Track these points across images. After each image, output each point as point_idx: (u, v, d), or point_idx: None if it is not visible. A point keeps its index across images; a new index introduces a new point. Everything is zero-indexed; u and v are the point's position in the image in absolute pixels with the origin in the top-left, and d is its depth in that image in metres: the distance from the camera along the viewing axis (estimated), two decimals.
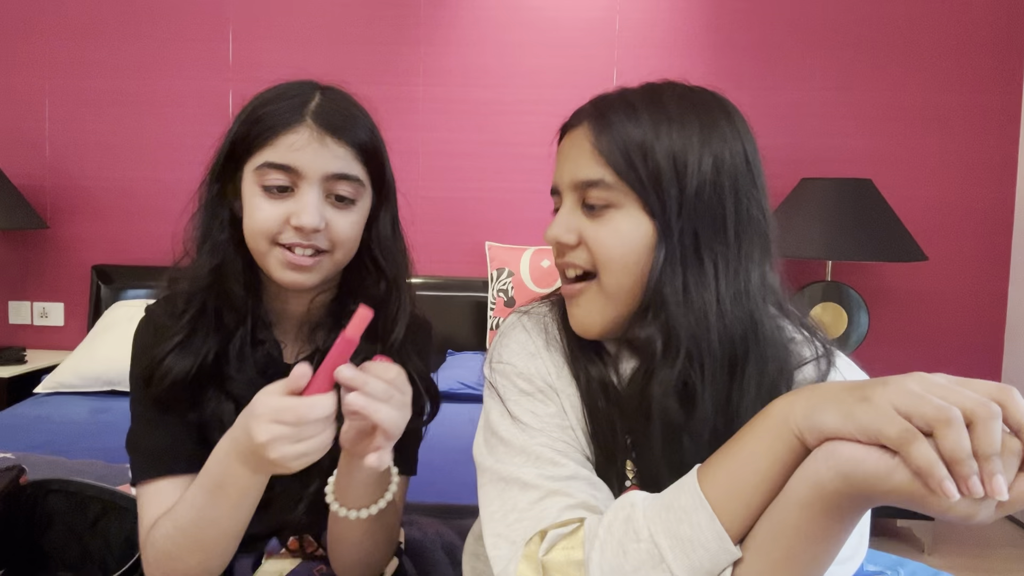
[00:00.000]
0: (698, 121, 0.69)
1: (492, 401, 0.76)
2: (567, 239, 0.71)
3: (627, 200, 0.68)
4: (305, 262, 0.79)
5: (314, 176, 0.78)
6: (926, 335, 2.71)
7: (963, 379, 0.50)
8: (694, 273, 0.67)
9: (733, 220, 0.68)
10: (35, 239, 2.79)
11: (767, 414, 0.58)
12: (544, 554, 0.62)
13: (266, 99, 0.81)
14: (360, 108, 0.85)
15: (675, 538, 0.57)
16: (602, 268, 0.70)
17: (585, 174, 0.70)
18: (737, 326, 0.67)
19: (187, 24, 2.71)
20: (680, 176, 0.67)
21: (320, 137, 0.78)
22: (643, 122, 0.68)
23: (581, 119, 0.73)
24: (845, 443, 0.51)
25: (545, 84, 2.69)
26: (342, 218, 0.80)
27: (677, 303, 0.67)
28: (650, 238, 0.68)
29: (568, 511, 0.64)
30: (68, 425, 1.98)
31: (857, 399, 0.51)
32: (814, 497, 0.53)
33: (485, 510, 0.70)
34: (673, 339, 0.67)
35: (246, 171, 0.80)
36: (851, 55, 2.66)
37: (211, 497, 0.71)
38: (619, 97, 0.72)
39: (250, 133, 0.79)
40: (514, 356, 0.77)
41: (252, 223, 0.79)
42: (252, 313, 0.84)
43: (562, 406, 0.73)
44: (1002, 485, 0.46)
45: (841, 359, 0.74)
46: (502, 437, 0.71)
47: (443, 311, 2.61)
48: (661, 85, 0.73)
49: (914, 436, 0.47)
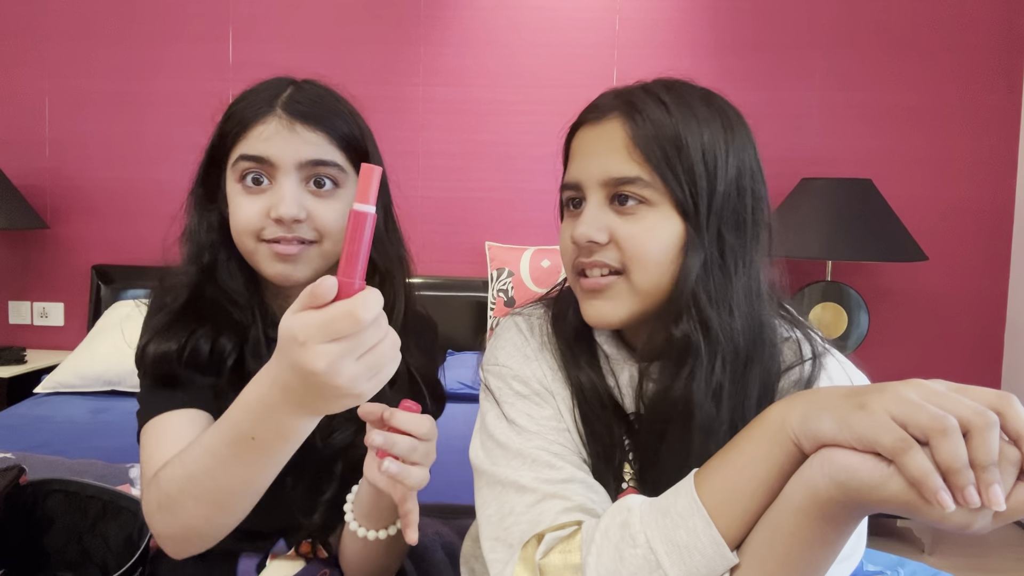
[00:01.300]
0: (720, 122, 0.69)
1: (488, 404, 0.76)
2: (599, 238, 0.69)
3: (661, 198, 0.68)
4: (290, 250, 0.77)
5: (287, 164, 0.77)
6: (926, 335, 2.71)
7: (962, 386, 0.50)
8: (720, 274, 0.68)
9: (750, 222, 0.69)
10: (35, 239, 2.79)
11: (764, 419, 0.57)
12: (541, 557, 0.62)
13: (240, 97, 0.82)
14: (337, 97, 0.84)
15: (671, 544, 0.57)
16: (635, 266, 0.69)
17: (620, 170, 0.68)
18: (748, 327, 0.68)
19: (187, 24, 2.71)
20: (711, 177, 0.67)
21: (290, 124, 0.77)
22: (676, 119, 0.68)
23: (607, 112, 0.71)
24: (841, 451, 0.51)
25: (545, 84, 2.69)
26: (325, 207, 0.79)
27: (711, 303, 0.67)
28: (681, 237, 0.68)
29: (565, 514, 0.64)
30: (68, 425, 1.98)
31: (854, 406, 0.51)
32: (810, 504, 0.52)
33: (482, 513, 0.70)
34: (713, 339, 0.67)
35: (228, 171, 0.81)
36: (851, 55, 2.66)
37: (237, 449, 0.60)
38: (646, 92, 0.71)
39: (225, 131, 0.80)
40: (509, 359, 0.76)
41: (236, 222, 0.79)
42: (260, 311, 0.84)
43: (558, 408, 0.73)
44: (999, 495, 0.45)
45: (833, 361, 0.73)
46: (498, 440, 0.71)
47: (443, 311, 2.61)
48: (679, 83, 0.73)
49: (909, 445, 0.47)
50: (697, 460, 0.62)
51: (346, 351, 0.49)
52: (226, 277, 0.82)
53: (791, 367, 0.71)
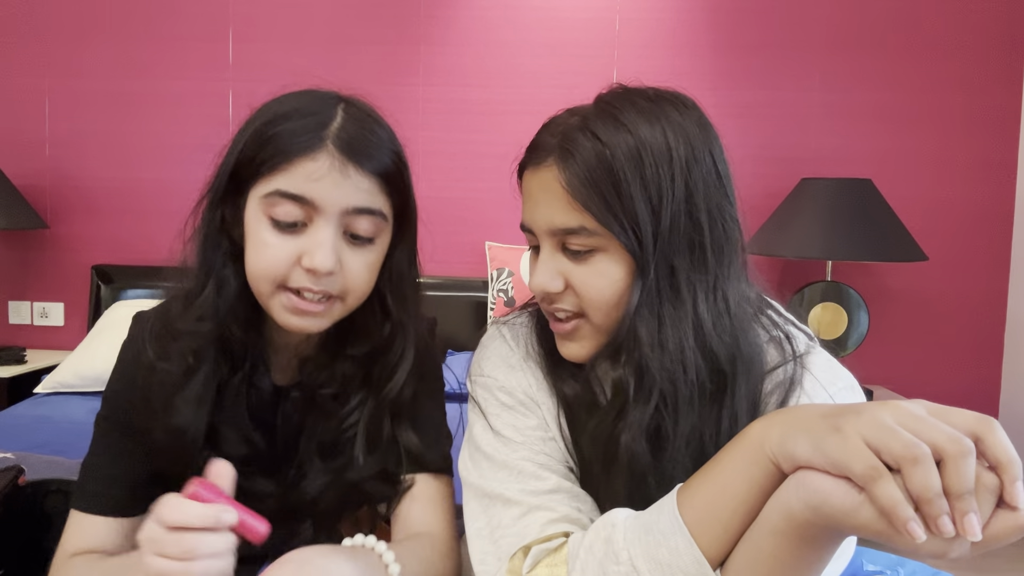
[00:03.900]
0: (665, 136, 0.65)
1: (475, 415, 0.76)
2: (554, 287, 0.68)
3: (609, 243, 0.66)
4: (314, 308, 0.69)
5: (332, 210, 0.67)
6: (926, 335, 2.71)
7: (944, 409, 0.48)
8: (671, 308, 0.65)
9: (710, 242, 0.66)
10: (35, 239, 2.79)
11: (745, 437, 0.57)
12: (528, 570, 0.62)
13: (279, 114, 0.68)
14: (384, 127, 0.74)
15: (654, 562, 0.56)
16: (592, 310, 0.68)
17: (564, 221, 0.66)
18: (722, 350, 0.66)
19: (187, 24, 2.71)
20: (655, 211, 0.64)
21: (342, 166, 0.67)
22: (614, 153, 0.64)
23: (545, 157, 0.68)
24: (816, 474, 0.50)
25: (545, 84, 2.69)
26: (358, 258, 0.70)
27: (652, 344, 0.65)
28: (633, 275, 0.66)
29: (551, 525, 0.64)
30: (68, 425, 1.98)
31: (829, 428, 0.49)
32: (787, 526, 0.52)
33: (471, 526, 0.70)
34: (646, 381, 0.65)
35: (251, 196, 0.69)
36: (851, 55, 2.66)
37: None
38: (581, 126, 0.66)
39: (259, 154, 0.68)
40: (495, 369, 0.77)
41: (258, 261, 0.69)
42: (252, 356, 0.77)
43: (543, 418, 0.73)
44: (975, 525, 0.44)
45: (816, 361, 0.71)
46: (485, 452, 0.72)
47: (443, 311, 2.61)
48: (619, 99, 0.68)
49: (879, 474, 0.46)
50: (656, 497, 0.62)
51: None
52: (235, 321, 0.73)
53: (775, 368, 0.70)
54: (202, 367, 0.73)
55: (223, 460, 0.60)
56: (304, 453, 0.79)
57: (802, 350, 0.71)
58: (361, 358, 0.78)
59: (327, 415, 0.79)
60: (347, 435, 0.78)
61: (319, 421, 0.79)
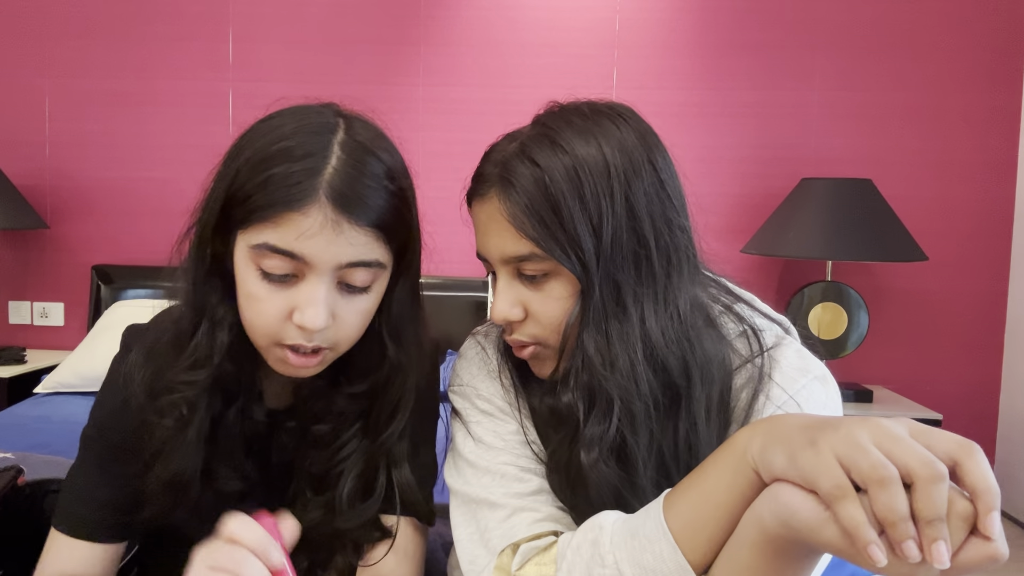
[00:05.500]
0: (601, 152, 0.65)
1: (456, 424, 0.77)
2: (514, 316, 0.69)
3: (558, 267, 0.66)
4: (307, 363, 0.67)
5: (325, 267, 0.63)
6: (926, 335, 2.71)
7: (927, 430, 0.46)
8: (617, 324, 0.66)
9: (655, 254, 0.66)
10: (35, 239, 2.79)
11: (731, 444, 0.56)
12: (517, 568, 0.63)
13: (268, 155, 0.63)
14: (384, 158, 0.69)
15: (639, 567, 0.57)
16: (550, 335, 0.69)
17: (513, 249, 0.67)
18: (673, 360, 0.66)
19: (187, 24, 2.71)
20: (596, 231, 0.65)
21: (335, 222, 0.62)
22: (552, 177, 0.65)
23: (488, 189, 0.70)
24: (788, 487, 0.49)
25: (545, 84, 2.69)
26: (351, 307, 0.67)
27: (602, 362, 0.65)
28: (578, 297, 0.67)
29: (537, 525, 0.65)
30: (68, 425, 1.98)
31: (805, 442, 0.48)
32: (761, 539, 0.51)
33: (459, 532, 0.71)
34: (602, 399, 0.65)
35: (240, 240, 0.65)
36: (851, 55, 2.66)
37: None
38: (519, 152, 0.68)
39: (248, 199, 0.63)
40: (472, 378, 0.78)
41: (251, 317, 0.66)
42: (247, 390, 0.75)
43: (521, 423, 0.74)
44: (943, 553, 0.42)
45: (785, 354, 0.71)
46: (467, 459, 0.73)
47: (443, 311, 2.61)
48: (554, 119, 0.70)
49: (844, 493, 0.45)
50: (638, 508, 0.62)
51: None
52: (231, 361, 0.71)
53: (742, 364, 0.70)
54: (196, 416, 0.70)
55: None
56: (297, 485, 0.79)
57: (771, 343, 0.71)
58: (359, 395, 0.76)
59: (321, 445, 0.77)
60: (338, 469, 0.76)
61: (311, 451, 0.77)
